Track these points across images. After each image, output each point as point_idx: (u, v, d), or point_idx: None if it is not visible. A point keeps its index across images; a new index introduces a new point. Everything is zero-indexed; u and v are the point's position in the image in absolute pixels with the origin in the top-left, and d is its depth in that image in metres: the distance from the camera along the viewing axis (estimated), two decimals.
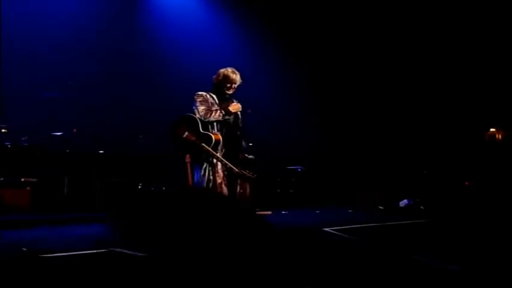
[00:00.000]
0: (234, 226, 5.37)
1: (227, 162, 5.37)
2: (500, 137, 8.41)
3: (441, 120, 8.77)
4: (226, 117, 5.52)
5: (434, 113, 8.86)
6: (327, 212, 7.94)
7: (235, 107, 5.57)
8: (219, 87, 5.60)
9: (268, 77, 9.48)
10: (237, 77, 5.57)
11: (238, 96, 5.79)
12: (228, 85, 5.56)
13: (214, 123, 5.51)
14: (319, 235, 5.46)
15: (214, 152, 5.35)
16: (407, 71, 9.06)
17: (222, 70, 5.63)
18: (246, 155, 5.75)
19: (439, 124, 8.77)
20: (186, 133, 5.45)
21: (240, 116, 5.69)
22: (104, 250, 4.09)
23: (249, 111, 6.50)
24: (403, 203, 8.39)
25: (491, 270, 3.55)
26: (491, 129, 8.48)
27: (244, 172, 5.32)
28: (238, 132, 5.66)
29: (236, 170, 5.34)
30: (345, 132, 9.59)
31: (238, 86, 5.63)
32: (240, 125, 5.70)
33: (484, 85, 8.54)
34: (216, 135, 5.44)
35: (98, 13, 8.56)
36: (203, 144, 5.35)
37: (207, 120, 5.46)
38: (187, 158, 5.78)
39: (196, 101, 5.56)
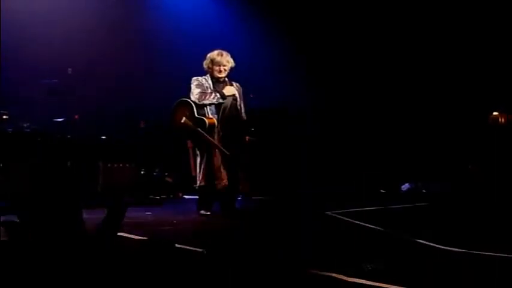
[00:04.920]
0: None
1: (220, 147, 5.37)
2: (503, 120, 8.36)
3: (444, 103, 8.73)
4: (221, 100, 5.51)
5: (437, 96, 8.82)
6: (329, 196, 7.95)
7: (229, 89, 5.56)
8: (210, 71, 5.62)
9: (269, 63, 9.43)
10: (222, 59, 5.55)
11: (237, 79, 5.77)
12: (216, 67, 5.56)
13: (209, 107, 5.51)
14: (322, 219, 5.48)
15: (208, 136, 5.36)
16: (410, 52, 9.00)
17: (209, 54, 5.64)
18: (248, 137, 5.73)
19: (442, 107, 8.73)
20: (184, 118, 5.47)
21: (238, 99, 5.67)
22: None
23: (251, 96, 6.48)
24: (405, 186, 8.40)
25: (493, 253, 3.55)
26: (495, 113, 8.43)
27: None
28: (238, 115, 5.64)
29: (227, 153, 5.34)
30: (347, 116, 9.56)
31: (229, 68, 5.60)
32: (239, 107, 5.68)
33: (488, 68, 8.48)
34: (210, 119, 5.44)
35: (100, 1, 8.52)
36: (199, 129, 5.36)
37: (202, 103, 5.47)
38: (189, 144, 5.81)
39: (191, 85, 5.58)
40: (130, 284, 2.80)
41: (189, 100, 5.52)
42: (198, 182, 5.55)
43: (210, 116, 5.48)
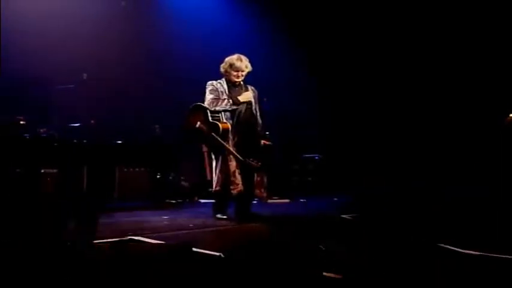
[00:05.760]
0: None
1: (233, 152, 5.36)
2: None
3: (460, 105, 8.67)
4: (234, 106, 5.49)
5: (452, 97, 8.76)
6: (345, 199, 7.93)
7: (245, 96, 5.53)
8: (227, 75, 5.58)
9: (283, 66, 9.44)
10: (242, 64, 5.50)
11: (252, 82, 5.74)
12: (234, 73, 5.51)
13: (223, 112, 5.50)
14: (338, 222, 5.46)
15: (222, 141, 5.35)
16: (423, 54, 8.96)
17: (228, 58, 5.59)
18: (264, 141, 5.70)
19: (458, 109, 8.67)
20: (198, 123, 5.47)
21: (253, 103, 5.63)
22: (124, 238, 4.16)
23: (265, 99, 6.46)
24: None
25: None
26: (511, 115, 8.34)
27: (249, 161, 5.29)
28: (253, 120, 5.62)
29: (241, 159, 5.33)
30: (362, 120, 9.53)
31: (246, 73, 5.57)
32: (255, 112, 5.65)
33: (504, 69, 8.41)
34: (224, 124, 5.42)
35: (112, 5, 8.57)
36: (213, 133, 5.36)
37: (213, 109, 5.46)
38: (204, 148, 5.82)
39: (206, 90, 5.58)
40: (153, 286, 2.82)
41: (203, 105, 5.52)
42: (214, 187, 5.56)
43: (224, 120, 5.47)
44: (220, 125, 5.39)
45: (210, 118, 5.44)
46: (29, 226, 3.37)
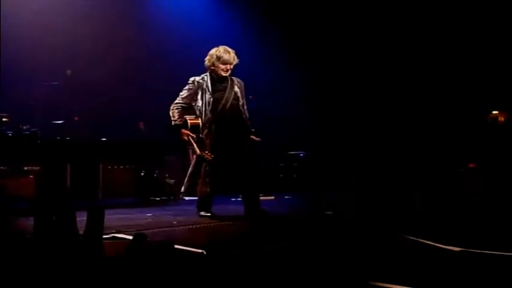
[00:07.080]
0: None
1: (194, 144, 5.28)
2: (502, 119, 8.37)
3: (442, 103, 8.73)
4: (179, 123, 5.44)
5: (435, 95, 8.82)
6: (329, 196, 7.95)
7: (184, 136, 5.40)
8: (213, 69, 5.40)
9: (268, 62, 9.44)
10: (230, 57, 5.29)
11: (237, 75, 5.66)
12: (223, 66, 5.30)
13: (204, 105, 5.37)
14: (323, 219, 5.48)
15: (191, 137, 5.31)
16: (407, 52, 9.01)
17: (213, 51, 5.36)
18: (254, 137, 5.59)
19: (440, 106, 8.73)
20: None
21: (240, 97, 5.48)
22: (107, 236, 4.14)
23: (251, 97, 6.43)
24: None
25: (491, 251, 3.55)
26: (494, 112, 8.43)
27: (204, 153, 5.24)
28: (240, 114, 5.46)
29: (198, 152, 5.26)
30: (347, 117, 9.57)
31: (234, 65, 5.40)
32: (241, 106, 5.49)
33: (486, 67, 8.49)
34: (193, 120, 5.38)
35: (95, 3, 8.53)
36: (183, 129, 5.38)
37: (173, 111, 5.43)
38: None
39: (185, 87, 5.50)
40: (131, 285, 2.81)
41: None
42: (183, 189, 5.51)
43: (195, 117, 5.40)
44: (188, 121, 5.36)
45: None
46: None
